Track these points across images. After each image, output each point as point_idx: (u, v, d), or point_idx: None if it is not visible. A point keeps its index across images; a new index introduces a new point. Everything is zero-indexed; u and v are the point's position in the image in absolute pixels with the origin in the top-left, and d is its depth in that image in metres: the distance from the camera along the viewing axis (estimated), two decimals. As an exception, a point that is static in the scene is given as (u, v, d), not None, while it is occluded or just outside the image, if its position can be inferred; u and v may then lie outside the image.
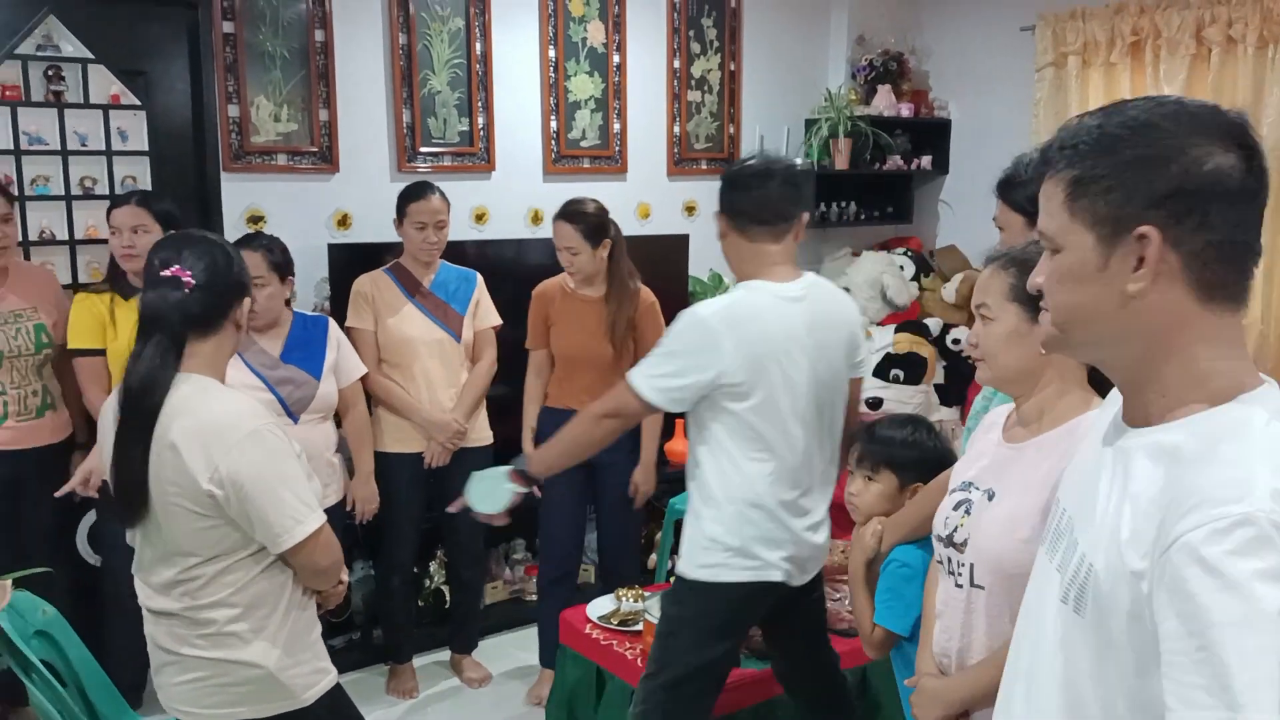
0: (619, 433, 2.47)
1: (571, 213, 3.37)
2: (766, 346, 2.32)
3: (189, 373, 1.88)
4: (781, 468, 2.37)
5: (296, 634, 1.96)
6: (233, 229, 3.64)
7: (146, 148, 3.51)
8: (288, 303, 3.22)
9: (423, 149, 4.05)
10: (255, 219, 3.73)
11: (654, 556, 4.47)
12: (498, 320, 3.63)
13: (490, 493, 2.50)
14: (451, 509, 2.59)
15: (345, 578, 2.12)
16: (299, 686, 1.95)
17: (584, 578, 4.08)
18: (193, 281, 1.88)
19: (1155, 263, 1.02)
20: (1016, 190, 2.28)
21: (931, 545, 1.86)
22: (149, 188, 3.50)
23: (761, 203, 2.40)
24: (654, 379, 2.34)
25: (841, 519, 4.45)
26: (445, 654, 3.86)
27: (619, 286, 3.44)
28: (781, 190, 2.42)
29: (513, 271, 3.93)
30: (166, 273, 1.87)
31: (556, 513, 3.53)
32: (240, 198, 3.71)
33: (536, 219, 4.34)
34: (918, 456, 2.18)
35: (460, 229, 4.11)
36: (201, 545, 1.86)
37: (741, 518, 2.37)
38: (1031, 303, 1.50)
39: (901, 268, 5.03)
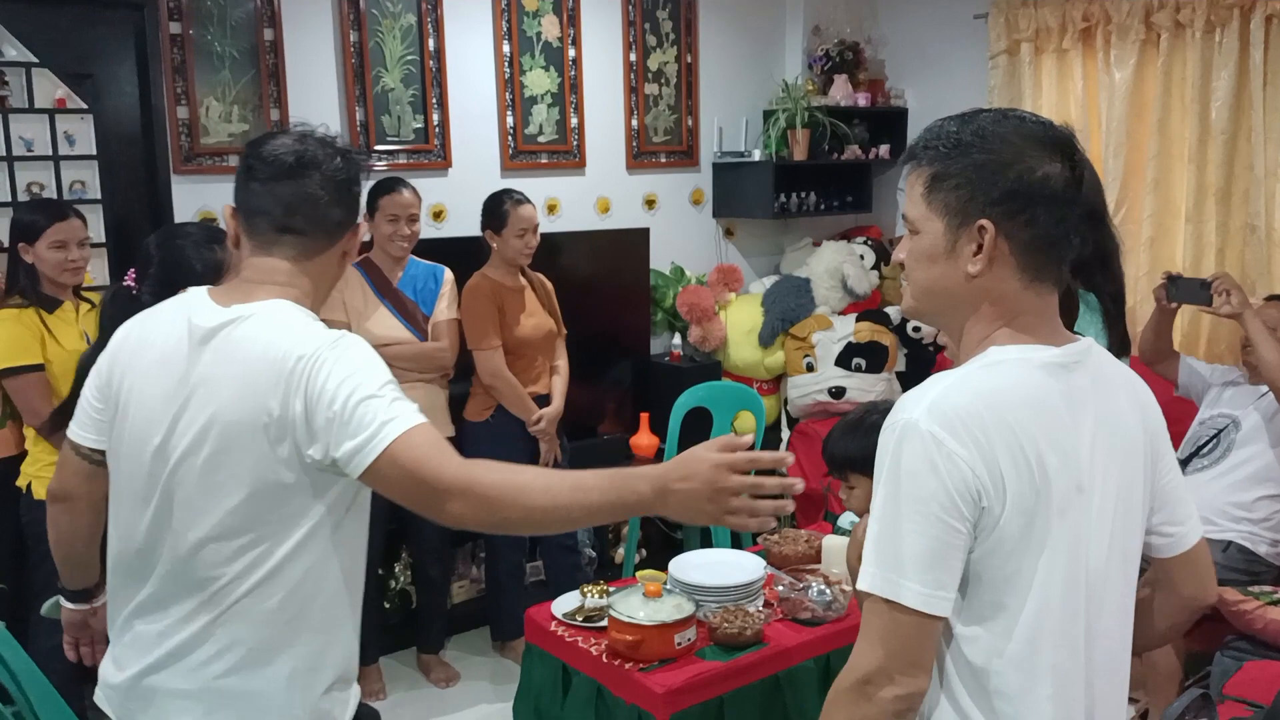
0: None
1: (525, 197, 3.63)
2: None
3: None
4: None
5: None
6: (185, 232, 3.61)
7: (95, 152, 3.45)
8: None
9: (377, 147, 4.02)
10: (208, 222, 3.69)
11: (621, 550, 4.48)
12: (455, 315, 3.62)
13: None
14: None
15: None
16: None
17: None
18: (135, 286, 2.08)
19: (990, 249, 1.25)
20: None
21: None
22: (98, 193, 3.46)
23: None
24: None
25: (808, 507, 4.49)
26: (413, 654, 3.85)
27: (530, 272, 3.76)
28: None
29: (472, 269, 3.89)
30: (125, 280, 2.08)
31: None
32: (192, 200, 3.67)
33: (495, 215, 4.32)
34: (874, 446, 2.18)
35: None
36: None
37: None
38: None
39: (862, 257, 5.05)
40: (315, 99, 3.88)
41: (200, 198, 3.69)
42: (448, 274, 3.64)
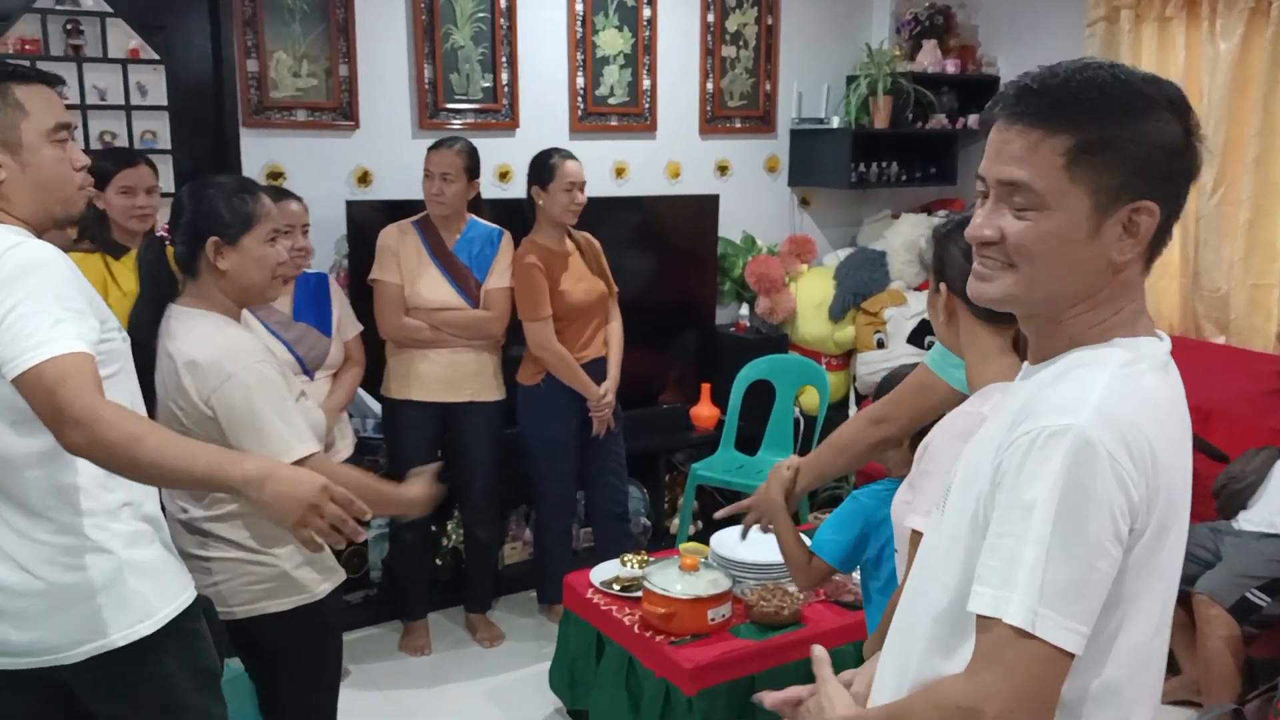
0: None
1: (571, 153, 3.58)
2: None
3: (181, 306, 2.05)
4: None
5: None
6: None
7: (166, 102, 3.53)
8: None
9: (445, 105, 4.00)
10: (275, 175, 3.72)
11: (675, 520, 4.43)
12: (508, 283, 3.58)
13: None
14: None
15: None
16: (313, 581, 2.12)
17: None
18: (168, 234, 2.10)
19: (1147, 235, 1.09)
20: None
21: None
22: (168, 143, 3.52)
23: None
24: None
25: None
26: (461, 612, 3.87)
27: (576, 233, 3.68)
28: None
29: (535, 230, 3.86)
30: (160, 230, 2.14)
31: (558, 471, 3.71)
32: (259, 154, 3.70)
33: (562, 178, 4.27)
34: None
35: (484, 187, 4.05)
36: None
37: None
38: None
39: (942, 231, 4.87)
40: (384, 55, 3.88)
41: (267, 151, 3.72)
42: (506, 238, 3.60)
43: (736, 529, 3.18)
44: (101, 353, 1.64)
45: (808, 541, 2.15)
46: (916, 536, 1.68)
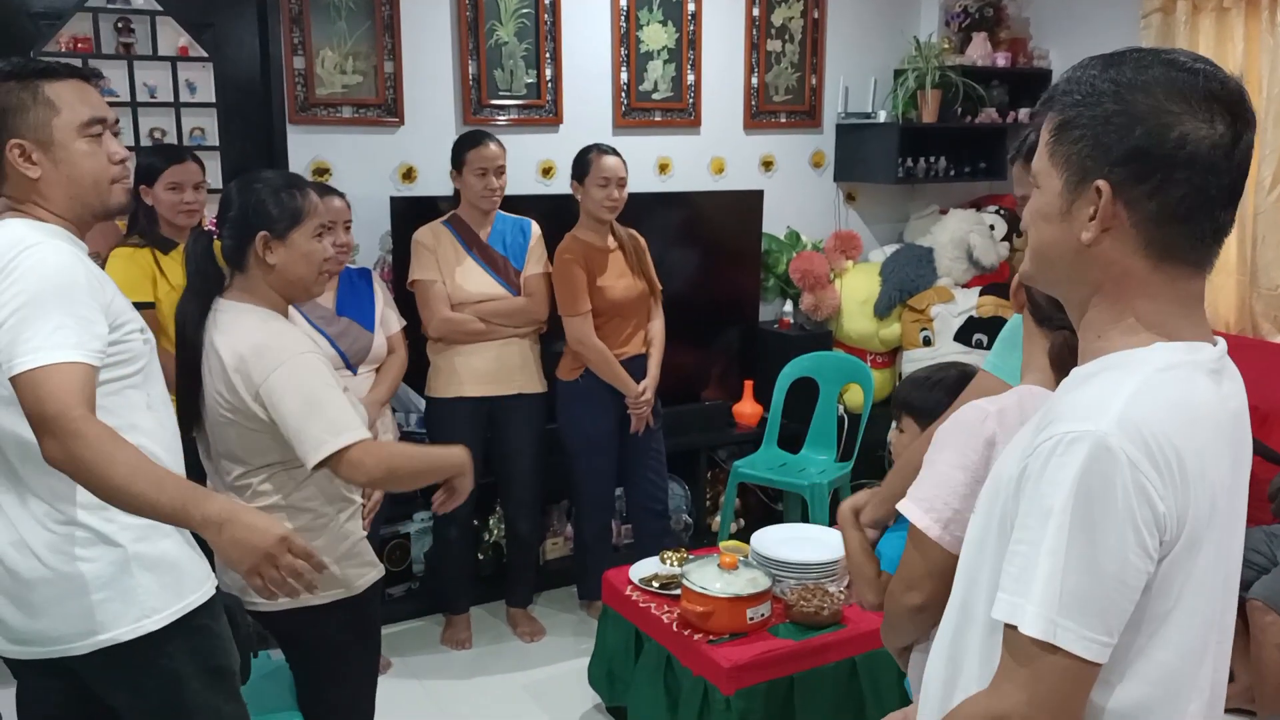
0: None
1: (613, 149, 3.57)
2: None
3: (228, 299, 2.08)
4: None
5: (345, 534, 2.15)
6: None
7: (214, 100, 3.57)
8: None
9: (489, 101, 4.01)
10: (320, 171, 3.76)
11: (717, 518, 4.41)
12: (545, 269, 3.59)
13: None
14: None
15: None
16: (351, 576, 2.13)
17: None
18: (215, 228, 2.12)
19: (1105, 216, 1.07)
20: None
21: None
22: (216, 140, 3.56)
23: None
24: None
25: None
26: (502, 606, 3.88)
27: (621, 229, 3.66)
28: None
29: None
30: (207, 224, 2.14)
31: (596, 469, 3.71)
32: (305, 150, 3.73)
33: (606, 173, 4.27)
34: (935, 400, 1.97)
35: (527, 183, 4.08)
36: (247, 453, 2.04)
37: None
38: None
39: (992, 227, 4.80)
40: (429, 52, 3.90)
41: (313, 148, 3.75)
42: (535, 227, 3.61)
43: (778, 527, 3.17)
44: (115, 355, 1.65)
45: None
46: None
